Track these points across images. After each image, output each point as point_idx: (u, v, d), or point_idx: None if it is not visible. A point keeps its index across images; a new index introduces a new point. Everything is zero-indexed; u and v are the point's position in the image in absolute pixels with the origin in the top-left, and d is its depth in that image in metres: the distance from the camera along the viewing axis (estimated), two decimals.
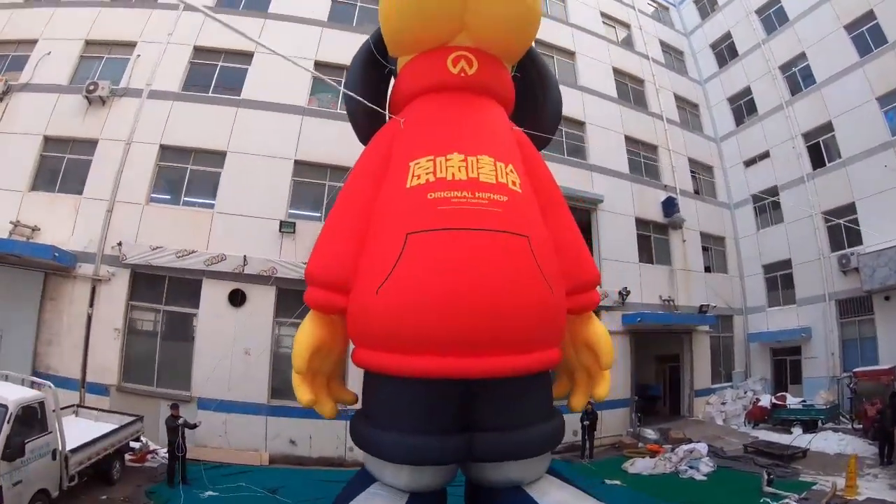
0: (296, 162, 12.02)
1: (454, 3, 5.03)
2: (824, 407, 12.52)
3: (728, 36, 19.23)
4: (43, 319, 11.16)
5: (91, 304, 11.04)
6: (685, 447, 10.98)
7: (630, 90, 17.62)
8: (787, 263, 15.60)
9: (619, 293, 13.78)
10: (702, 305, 14.96)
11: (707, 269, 16.37)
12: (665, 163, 16.78)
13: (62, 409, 8.09)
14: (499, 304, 4.21)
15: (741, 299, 16.61)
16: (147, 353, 11.21)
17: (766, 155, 17.06)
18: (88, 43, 13.16)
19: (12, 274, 11.25)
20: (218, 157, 11.99)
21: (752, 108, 18.02)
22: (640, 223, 15.25)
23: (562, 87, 15.18)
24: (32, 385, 6.98)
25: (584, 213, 14.33)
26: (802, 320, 14.74)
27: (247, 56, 12.65)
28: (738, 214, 17.64)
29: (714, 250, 16.95)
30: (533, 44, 6.21)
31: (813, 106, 15.70)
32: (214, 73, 12.71)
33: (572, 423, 11.64)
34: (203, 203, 12.03)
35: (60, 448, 6.68)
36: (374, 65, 5.92)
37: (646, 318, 13.81)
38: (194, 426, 8.85)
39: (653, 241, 15.45)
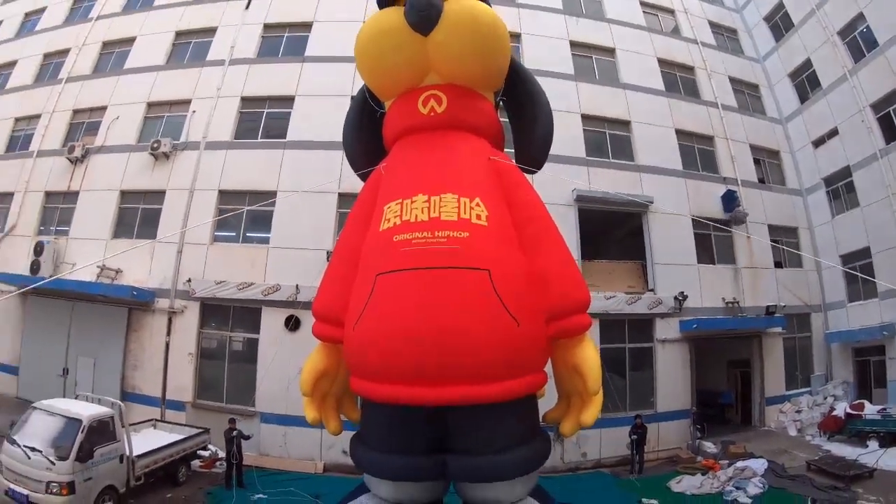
0: (339, 195, 13.05)
1: (413, 50, 5.36)
2: None
3: (781, 6, 18.15)
4: (129, 348, 13.25)
5: (168, 333, 12.90)
6: (739, 464, 10.60)
7: (679, 80, 17.16)
8: (866, 252, 14.53)
9: (675, 298, 13.55)
10: (769, 306, 14.27)
11: (778, 265, 15.56)
12: (723, 153, 16.18)
13: (143, 422, 10.35)
14: (447, 337, 4.61)
15: (819, 295, 15.63)
16: (217, 373, 12.89)
17: (834, 132, 15.98)
18: (150, 105, 15.08)
19: (102, 311, 13.44)
20: (270, 196, 13.19)
21: (815, 81, 16.94)
22: (698, 222, 14.53)
23: (601, 87, 15.72)
24: (112, 404, 8.68)
25: (633, 217, 14.35)
26: (886, 315, 13.63)
27: (289, 100, 13.94)
28: (810, 201, 16.62)
29: (786, 243, 15.96)
30: (523, 63, 6.60)
31: (878, 72, 14.55)
32: (261, 119, 14.14)
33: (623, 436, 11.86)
34: (259, 238, 13.47)
35: (127, 453, 8.37)
36: (369, 109, 6.71)
37: (703, 325, 13.48)
38: (248, 437, 10.20)
39: (713, 239, 14.96)
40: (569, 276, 5.31)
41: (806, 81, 17.42)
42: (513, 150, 6.40)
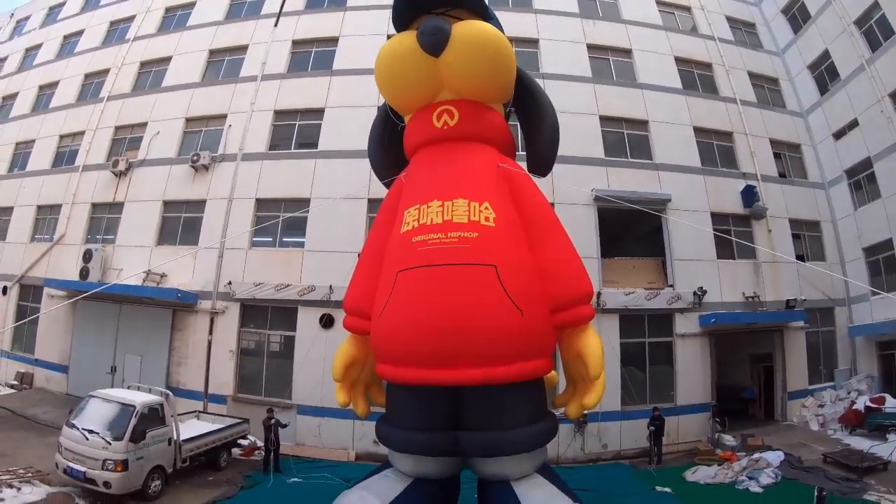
0: (369, 200, 13.94)
1: (426, 71, 6.14)
2: None
3: None
4: (173, 346, 14.52)
5: (210, 332, 14.06)
6: (753, 456, 10.88)
7: (697, 78, 17.51)
8: (888, 244, 14.67)
9: (695, 293, 13.91)
10: (789, 300, 14.52)
11: (800, 259, 15.77)
12: (743, 149, 16.50)
13: (187, 413, 11.57)
14: (461, 325, 5.33)
15: (842, 289, 15.72)
16: (256, 369, 14.01)
17: (854, 123, 16.15)
18: (188, 120, 16.31)
19: (148, 312, 14.77)
20: (304, 203, 14.33)
21: (834, 73, 17.12)
22: (717, 217, 15.18)
23: (619, 88, 16.27)
24: (161, 393, 9.77)
25: (651, 215, 14.81)
26: None
27: (319, 112, 14.96)
28: (832, 194, 16.79)
29: (808, 237, 16.34)
30: (526, 73, 7.23)
31: (895, 61, 14.79)
32: (294, 131, 15.22)
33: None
34: (295, 243, 14.52)
35: (175, 437, 9.37)
36: (391, 123, 7.32)
37: (721, 319, 13.73)
38: (284, 426, 11.16)
39: (733, 234, 15.12)
40: (571, 270, 6.05)
41: (825, 73, 17.61)
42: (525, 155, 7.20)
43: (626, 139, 15.83)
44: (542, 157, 7.15)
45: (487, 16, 6.61)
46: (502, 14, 16.32)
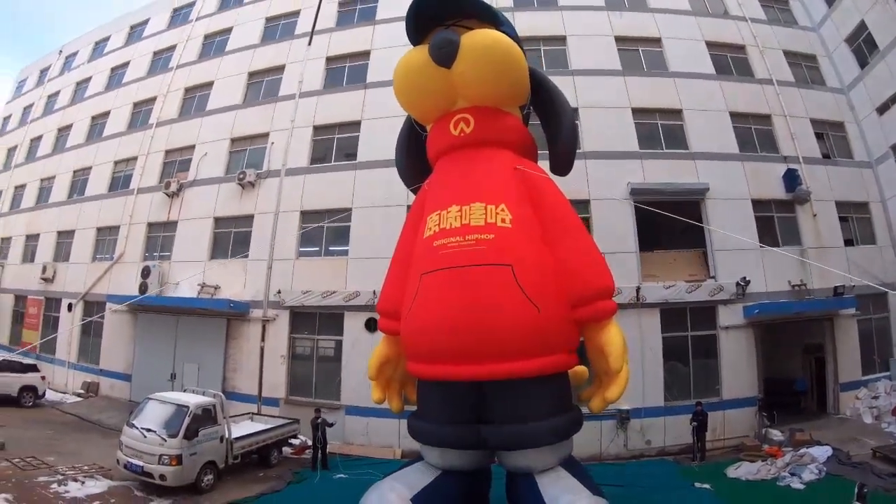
0: (408, 207, 14.59)
1: (440, 82, 6.51)
2: None
3: None
4: (228, 353, 15.62)
5: (262, 339, 14.99)
6: (799, 451, 10.68)
7: (730, 61, 17.29)
8: None
9: (737, 284, 13.69)
10: (837, 287, 14.06)
11: (849, 243, 15.40)
12: (782, 131, 16.18)
13: (241, 415, 12.57)
14: (480, 323, 5.69)
15: None
16: (306, 372, 14.85)
17: None
18: (233, 140, 17.47)
19: (204, 322, 15.95)
20: (345, 213, 15.15)
21: (872, 44, 16.59)
22: (759, 204, 14.96)
23: (650, 79, 16.36)
24: (214, 395, 10.60)
25: (689, 206, 14.53)
26: None
27: (356, 125, 15.77)
28: (880, 172, 16.25)
29: (856, 219, 15.90)
30: (545, 75, 7.51)
31: None
32: (333, 144, 16.10)
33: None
34: (339, 251, 15.32)
35: (227, 436, 10.14)
36: (415, 133, 7.79)
37: (766, 310, 13.44)
38: (331, 424, 11.86)
39: (776, 221, 15.09)
40: (590, 266, 6.27)
41: (863, 45, 17.09)
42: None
43: (660, 130, 15.81)
44: (562, 156, 7.42)
45: (499, 22, 6.94)
46: (528, 14, 17.27)
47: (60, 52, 28.56)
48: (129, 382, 16.68)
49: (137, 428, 9.30)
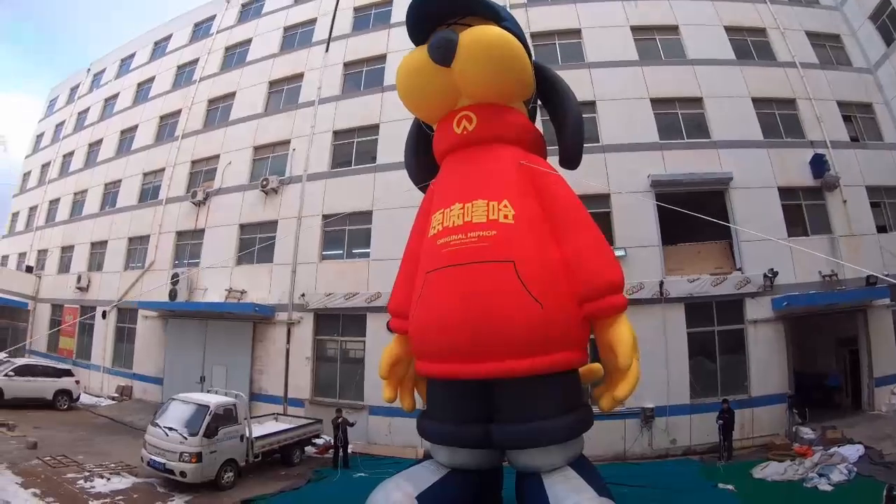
0: None
1: (441, 81, 6.48)
2: None
3: None
4: (255, 356, 16.08)
5: (288, 341, 15.41)
6: (829, 450, 10.28)
7: (751, 45, 16.94)
8: None
9: (765, 276, 13.28)
10: (869, 276, 13.23)
11: (881, 230, 14.81)
12: (808, 115, 15.73)
13: (267, 415, 13.02)
14: (481, 320, 5.65)
15: None
16: (330, 373, 15.17)
17: None
18: (256, 148, 17.99)
19: (231, 326, 16.44)
20: (366, 215, 15.44)
21: None
22: (785, 192, 14.58)
23: (668, 68, 16.14)
24: (235, 396, 10.93)
25: (712, 196, 14.41)
26: None
27: (374, 128, 16.05)
28: None
29: (888, 204, 15.26)
30: (552, 69, 7.44)
31: None
32: (353, 148, 16.42)
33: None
34: (361, 253, 15.61)
35: (247, 435, 10.43)
36: (424, 133, 7.81)
37: (795, 302, 13.02)
38: (352, 424, 12.05)
39: (804, 209, 14.65)
40: (598, 260, 6.12)
41: (888, 21, 16.50)
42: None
43: (680, 120, 15.59)
44: (569, 149, 7.32)
45: (500, 18, 6.88)
46: (542, 9, 17.25)
47: (89, 69, 29.74)
48: (161, 385, 17.29)
49: (160, 427, 9.71)
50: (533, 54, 7.76)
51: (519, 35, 6.95)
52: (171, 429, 9.58)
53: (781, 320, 13.46)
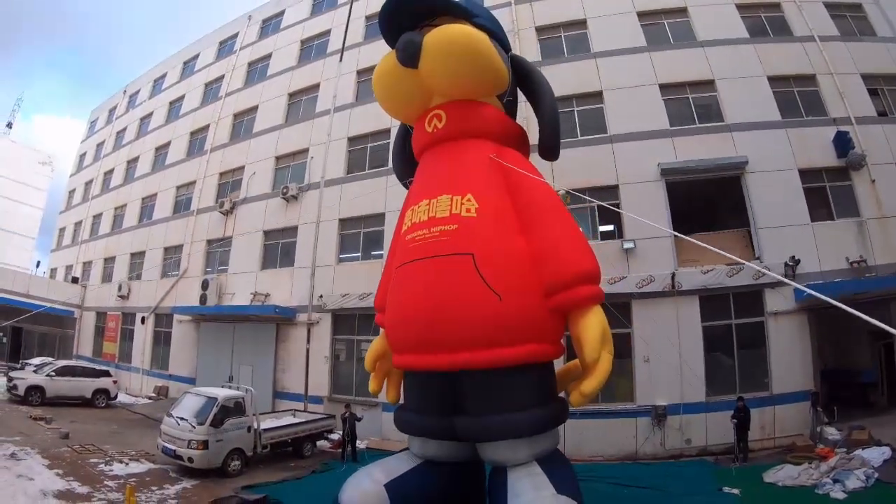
0: None
1: (410, 82, 6.62)
2: None
3: None
4: (278, 356, 17.03)
5: (308, 341, 16.17)
6: (850, 453, 9.62)
7: (765, 21, 16.28)
8: None
9: (786, 265, 12.49)
10: None
11: None
12: (829, 91, 14.97)
13: (284, 411, 13.81)
14: (439, 313, 5.72)
15: None
16: (347, 371, 15.88)
17: None
18: (277, 158, 19.00)
19: (256, 328, 17.48)
20: (380, 218, 16.07)
21: None
22: (807, 174, 13.89)
23: (678, 51, 15.89)
24: (245, 390, 11.63)
25: (727, 182, 14.08)
26: None
27: (386, 132, 16.66)
28: None
29: None
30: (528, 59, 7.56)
31: None
32: (366, 153, 17.13)
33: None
34: (376, 255, 16.18)
35: (255, 427, 11.06)
36: (409, 133, 7.89)
37: (819, 292, 11.96)
38: (359, 419, 12.44)
39: (829, 191, 13.90)
40: (567, 250, 5.92)
41: None
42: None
43: (691, 104, 15.21)
44: (546, 141, 7.32)
45: (471, 15, 6.96)
46: (547, 2, 17.22)
47: (125, 91, 31.83)
48: (194, 385, 18.23)
49: (174, 417, 10.53)
50: (511, 47, 7.94)
51: (493, 30, 7.07)
52: (182, 419, 10.37)
53: (805, 312, 12.62)
